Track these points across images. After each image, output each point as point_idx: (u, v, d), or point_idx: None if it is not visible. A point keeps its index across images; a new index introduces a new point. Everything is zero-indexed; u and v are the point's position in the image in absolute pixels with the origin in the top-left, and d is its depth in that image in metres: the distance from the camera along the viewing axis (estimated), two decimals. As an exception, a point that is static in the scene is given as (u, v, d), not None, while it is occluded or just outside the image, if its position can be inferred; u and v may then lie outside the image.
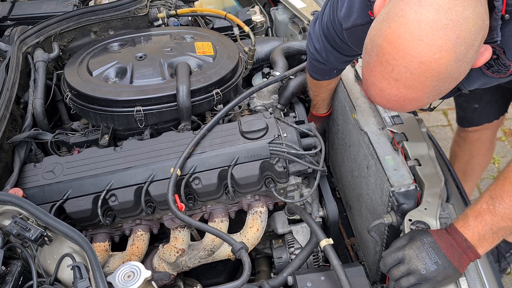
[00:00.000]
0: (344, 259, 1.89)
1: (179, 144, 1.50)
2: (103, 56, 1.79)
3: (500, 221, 1.12)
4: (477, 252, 1.13)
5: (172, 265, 1.48)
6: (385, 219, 1.33)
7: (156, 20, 2.15)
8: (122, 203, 1.42)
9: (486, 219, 1.13)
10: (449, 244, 1.14)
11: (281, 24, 2.30)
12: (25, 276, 1.15)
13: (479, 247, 1.13)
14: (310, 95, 1.85)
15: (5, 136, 1.51)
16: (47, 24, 1.91)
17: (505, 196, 1.12)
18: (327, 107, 1.89)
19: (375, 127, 1.49)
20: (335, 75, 1.67)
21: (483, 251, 1.14)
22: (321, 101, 1.84)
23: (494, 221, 1.12)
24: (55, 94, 1.80)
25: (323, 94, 1.80)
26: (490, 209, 1.13)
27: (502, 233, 1.13)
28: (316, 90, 1.79)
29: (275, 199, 1.57)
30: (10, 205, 1.18)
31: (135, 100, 1.57)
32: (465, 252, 1.13)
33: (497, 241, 1.14)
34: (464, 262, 1.13)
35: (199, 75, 1.67)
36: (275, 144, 1.48)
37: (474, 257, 1.14)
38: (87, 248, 1.12)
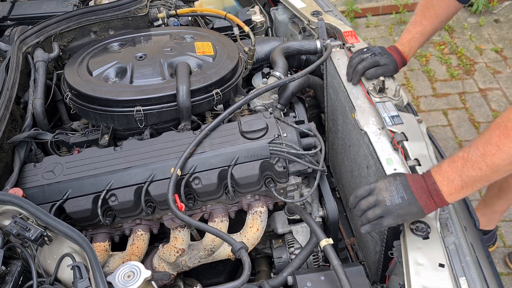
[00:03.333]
0: (344, 259, 1.89)
1: (179, 144, 1.50)
2: (103, 56, 1.79)
3: (470, 169, 1.11)
4: (443, 197, 1.15)
5: (172, 265, 1.48)
6: (385, 219, 1.33)
7: (156, 20, 2.15)
8: (122, 203, 1.42)
9: (458, 165, 1.14)
10: (420, 185, 1.17)
11: (281, 24, 2.30)
12: (25, 276, 1.15)
13: (447, 193, 1.14)
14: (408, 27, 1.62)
15: (5, 136, 1.51)
16: (47, 24, 1.91)
17: (480, 145, 1.11)
18: (419, 46, 1.65)
19: (375, 127, 1.48)
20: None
21: (450, 197, 1.15)
22: (420, 34, 1.61)
23: (464, 168, 1.12)
24: (55, 94, 1.81)
25: (430, 21, 1.58)
26: (464, 157, 1.13)
27: (472, 182, 1.12)
28: (424, 12, 1.59)
29: (275, 199, 1.57)
30: (10, 205, 1.18)
31: (135, 100, 1.57)
32: (432, 195, 1.15)
33: (467, 190, 1.14)
34: (430, 204, 1.16)
35: (199, 75, 1.67)
36: (275, 144, 1.48)
37: (439, 201, 1.15)
38: (87, 248, 1.12)
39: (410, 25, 1.64)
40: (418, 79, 3.87)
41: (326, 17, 1.97)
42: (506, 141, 1.07)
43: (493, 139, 1.09)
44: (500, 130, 1.09)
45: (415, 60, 4.02)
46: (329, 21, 1.94)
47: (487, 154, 1.09)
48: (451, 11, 1.56)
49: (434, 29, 1.62)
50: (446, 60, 3.98)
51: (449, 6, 1.53)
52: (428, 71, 3.90)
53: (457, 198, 1.16)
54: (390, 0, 4.57)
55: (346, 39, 1.83)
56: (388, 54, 1.62)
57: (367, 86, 1.60)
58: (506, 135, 1.07)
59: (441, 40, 4.20)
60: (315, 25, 1.95)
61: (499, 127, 1.09)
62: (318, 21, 1.93)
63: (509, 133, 1.07)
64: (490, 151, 1.09)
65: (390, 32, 4.39)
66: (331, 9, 2.10)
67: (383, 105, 1.52)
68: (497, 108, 3.56)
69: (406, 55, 1.64)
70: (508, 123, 1.08)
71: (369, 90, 1.58)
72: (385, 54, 1.62)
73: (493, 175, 1.11)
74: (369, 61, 1.60)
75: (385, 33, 4.40)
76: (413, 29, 1.62)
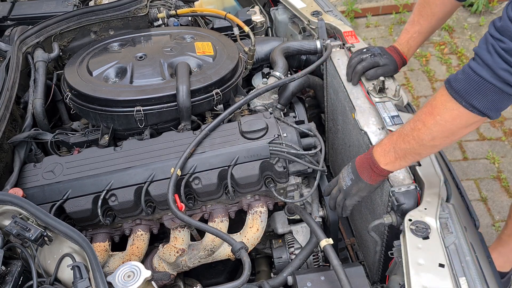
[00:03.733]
0: (344, 259, 1.89)
1: (179, 144, 1.50)
2: (103, 56, 1.79)
3: (401, 142, 1.23)
4: (380, 167, 1.27)
5: (172, 265, 1.48)
6: (385, 219, 1.33)
7: (156, 20, 2.15)
8: (122, 203, 1.42)
9: (393, 138, 1.25)
10: (363, 162, 1.32)
11: (281, 24, 2.30)
12: (25, 276, 1.15)
13: (383, 163, 1.26)
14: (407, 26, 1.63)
15: (5, 136, 1.51)
16: (47, 24, 1.91)
17: (412, 121, 1.22)
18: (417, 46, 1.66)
19: (375, 127, 1.48)
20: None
21: (387, 166, 1.26)
22: (417, 33, 1.62)
23: (398, 141, 1.23)
24: (55, 94, 1.81)
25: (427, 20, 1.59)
26: (399, 131, 1.25)
27: (403, 154, 1.23)
28: (421, 11, 1.59)
29: (275, 199, 1.57)
30: (10, 205, 1.18)
31: (135, 100, 1.57)
32: (371, 167, 1.28)
33: (401, 161, 1.25)
34: (372, 175, 1.30)
35: (199, 75, 1.67)
36: (275, 144, 1.48)
37: (378, 171, 1.28)
38: (87, 248, 1.12)
39: (408, 24, 1.64)
40: (418, 79, 3.87)
41: (326, 17, 1.97)
42: (430, 118, 1.16)
43: (421, 115, 1.19)
44: (427, 108, 1.18)
45: (415, 60, 4.02)
46: (329, 21, 1.94)
47: (415, 129, 1.20)
48: (448, 10, 1.56)
49: (432, 28, 1.62)
50: (446, 60, 3.98)
51: (445, 5, 1.54)
52: (428, 71, 3.90)
53: (394, 167, 1.28)
54: (390, 0, 4.57)
55: (346, 39, 1.83)
56: (388, 55, 1.62)
57: (367, 86, 1.60)
58: (430, 112, 1.16)
59: (441, 40, 4.20)
60: (315, 25, 1.95)
61: (427, 105, 1.19)
62: (318, 21, 1.93)
63: (433, 111, 1.15)
64: (417, 126, 1.19)
65: (390, 32, 4.39)
66: (331, 9, 2.09)
67: (383, 105, 1.52)
68: (497, 108, 3.55)
69: (405, 55, 1.64)
70: (433, 101, 1.17)
71: (369, 90, 1.58)
72: (385, 55, 1.62)
73: (420, 149, 1.21)
74: (368, 62, 1.60)
75: (385, 33, 4.40)
76: (411, 28, 1.63)
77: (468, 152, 3.27)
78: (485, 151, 3.26)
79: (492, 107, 1.09)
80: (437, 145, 1.21)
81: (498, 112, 1.11)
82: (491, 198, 2.99)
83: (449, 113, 1.13)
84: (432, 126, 1.16)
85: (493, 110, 1.09)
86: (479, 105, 1.08)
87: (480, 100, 1.08)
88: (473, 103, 1.09)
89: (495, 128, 3.41)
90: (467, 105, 1.10)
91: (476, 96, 1.08)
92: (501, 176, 3.09)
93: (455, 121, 1.13)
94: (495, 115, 1.11)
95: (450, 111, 1.13)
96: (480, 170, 3.15)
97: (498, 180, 3.08)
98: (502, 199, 2.98)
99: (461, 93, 1.09)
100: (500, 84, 1.04)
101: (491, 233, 2.81)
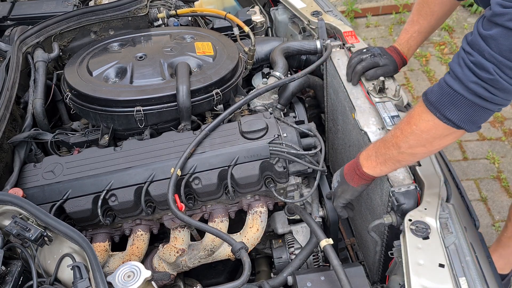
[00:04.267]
0: (344, 259, 1.89)
1: (179, 144, 1.50)
2: (103, 56, 1.79)
3: (383, 148, 1.26)
4: (363, 170, 1.31)
5: (172, 265, 1.48)
6: (385, 219, 1.33)
7: (156, 20, 2.15)
8: (122, 203, 1.42)
9: (377, 144, 1.30)
10: (349, 166, 1.37)
11: (281, 24, 2.30)
12: (25, 276, 1.15)
13: (366, 166, 1.31)
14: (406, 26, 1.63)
15: (5, 136, 1.51)
16: (47, 24, 1.91)
17: (393, 128, 1.26)
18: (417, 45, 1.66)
19: (375, 127, 1.48)
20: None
21: (369, 170, 1.30)
22: (417, 33, 1.62)
23: (380, 146, 1.28)
24: (55, 94, 1.80)
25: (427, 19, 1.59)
26: (383, 137, 1.29)
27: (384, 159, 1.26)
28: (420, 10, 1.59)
29: (275, 199, 1.57)
30: (10, 205, 1.18)
31: (135, 100, 1.57)
32: (355, 170, 1.33)
33: (381, 167, 1.28)
34: (354, 177, 1.34)
35: (199, 75, 1.67)
36: (275, 144, 1.48)
37: (360, 174, 1.32)
38: (87, 248, 1.12)
39: (408, 24, 1.64)
40: (418, 79, 3.87)
41: (326, 17, 1.97)
42: (407, 127, 1.20)
43: (401, 124, 1.24)
44: (406, 118, 1.22)
45: (415, 60, 4.02)
46: (329, 21, 1.94)
47: (394, 136, 1.23)
48: (447, 9, 1.57)
49: (431, 27, 1.62)
50: (446, 60, 3.98)
51: (444, 4, 1.54)
52: (428, 71, 3.91)
53: (375, 172, 1.31)
54: (390, 0, 4.57)
55: (346, 39, 1.83)
56: (388, 55, 1.62)
57: (367, 86, 1.60)
58: (408, 122, 1.20)
59: (441, 40, 4.20)
60: (315, 25, 1.95)
61: (407, 115, 1.23)
62: (318, 21, 1.93)
63: (410, 120, 1.19)
64: (396, 134, 1.23)
65: (390, 32, 4.39)
66: (331, 9, 2.09)
67: (383, 105, 1.52)
68: (497, 108, 3.56)
69: (405, 55, 1.64)
70: (412, 112, 1.20)
71: (369, 90, 1.58)
72: (385, 55, 1.62)
73: (399, 156, 1.24)
74: (368, 62, 1.60)
75: (385, 33, 4.40)
76: (410, 28, 1.63)
77: (468, 152, 3.27)
78: (485, 151, 3.26)
79: (467, 120, 1.11)
80: (416, 153, 1.23)
81: (475, 125, 1.13)
82: (491, 198, 2.99)
83: (425, 124, 1.16)
84: (409, 135, 1.19)
85: (467, 122, 1.11)
86: (453, 117, 1.11)
87: (453, 112, 1.10)
88: (447, 115, 1.11)
89: (495, 128, 3.41)
90: (441, 117, 1.12)
91: (449, 108, 1.11)
92: (501, 176, 3.09)
93: (430, 131, 1.16)
94: (471, 128, 1.13)
95: (426, 122, 1.16)
96: (480, 170, 3.15)
97: (498, 180, 3.08)
98: (502, 199, 2.98)
99: (436, 105, 1.13)
100: (471, 96, 1.06)
101: (491, 233, 2.81)
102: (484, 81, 1.03)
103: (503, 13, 0.96)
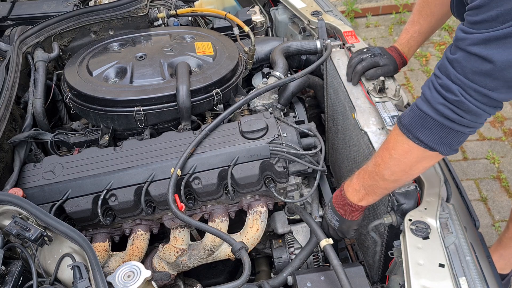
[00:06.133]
0: (344, 259, 1.89)
1: (179, 144, 1.50)
2: (103, 56, 1.79)
3: (368, 178, 1.27)
4: (357, 205, 1.32)
5: (172, 265, 1.48)
6: (385, 219, 1.33)
7: (156, 20, 2.15)
8: (122, 203, 1.42)
9: (361, 176, 1.30)
10: (340, 204, 1.37)
11: (281, 24, 2.30)
12: (25, 276, 1.15)
13: (357, 201, 1.32)
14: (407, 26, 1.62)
15: (5, 136, 1.51)
16: (47, 24, 1.91)
17: (374, 157, 1.26)
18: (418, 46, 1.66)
19: (375, 127, 1.48)
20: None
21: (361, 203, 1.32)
22: (418, 33, 1.62)
23: (364, 178, 1.28)
24: (55, 94, 1.81)
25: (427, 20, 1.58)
26: (365, 168, 1.29)
27: (371, 190, 1.27)
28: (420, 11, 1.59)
29: (275, 199, 1.57)
30: (10, 205, 1.18)
31: (135, 100, 1.57)
32: (349, 208, 1.34)
33: (370, 197, 1.29)
34: (353, 214, 1.36)
35: (199, 75, 1.67)
36: (275, 144, 1.48)
37: (357, 209, 1.34)
38: (87, 248, 1.12)
39: (408, 24, 1.65)
40: (418, 79, 3.87)
41: (326, 17, 1.97)
42: (386, 153, 1.21)
43: (380, 151, 1.24)
44: (384, 144, 1.23)
45: (415, 60, 4.02)
46: (329, 21, 1.94)
47: (376, 165, 1.24)
48: (447, 9, 1.56)
49: (431, 27, 1.62)
50: (446, 60, 3.97)
51: (443, 4, 1.54)
52: (428, 71, 3.90)
53: (369, 202, 1.32)
54: (390, 0, 4.57)
55: (346, 39, 1.83)
56: (388, 55, 1.62)
57: (367, 86, 1.60)
58: (387, 148, 1.21)
59: (441, 40, 4.20)
60: (315, 25, 1.95)
61: (385, 141, 1.24)
62: (318, 21, 1.93)
63: (388, 145, 1.21)
64: (378, 162, 1.24)
65: (390, 32, 4.39)
66: (331, 9, 2.10)
67: (383, 105, 1.52)
68: (497, 108, 3.55)
69: (405, 55, 1.64)
70: (389, 137, 1.23)
71: (369, 90, 1.58)
72: (385, 55, 1.62)
73: (384, 184, 1.25)
74: (368, 62, 1.60)
75: (385, 33, 4.40)
76: (411, 28, 1.64)
77: (468, 152, 3.27)
78: (485, 151, 3.26)
79: (439, 142, 1.12)
80: (398, 179, 1.23)
81: (448, 148, 1.13)
82: (491, 198, 2.99)
83: (401, 147, 1.17)
84: (389, 160, 1.20)
85: (440, 144, 1.12)
86: (425, 138, 1.12)
87: (425, 134, 1.12)
88: (419, 136, 1.13)
89: (495, 128, 3.41)
90: (414, 139, 1.14)
91: (421, 130, 1.12)
92: (501, 176, 3.09)
93: (407, 155, 1.17)
94: (445, 150, 1.14)
95: (402, 145, 1.17)
96: (480, 170, 3.15)
97: (498, 180, 3.08)
98: (502, 199, 2.98)
99: (408, 128, 1.14)
100: (439, 118, 1.08)
101: (491, 233, 2.81)
102: (450, 103, 1.06)
103: (464, 38, 1.01)
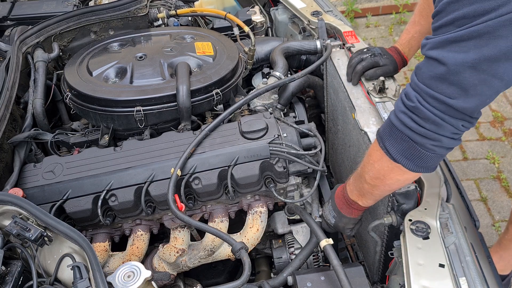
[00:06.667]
0: (344, 259, 1.89)
1: (179, 144, 1.50)
2: (103, 56, 1.79)
3: (358, 182, 1.28)
4: (357, 203, 1.33)
5: (172, 265, 1.48)
6: (385, 220, 1.33)
7: (156, 20, 2.15)
8: (122, 203, 1.42)
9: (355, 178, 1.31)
10: (341, 200, 1.38)
11: (281, 24, 2.30)
12: (25, 276, 1.15)
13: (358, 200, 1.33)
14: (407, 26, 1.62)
15: (5, 136, 1.51)
16: (47, 24, 1.91)
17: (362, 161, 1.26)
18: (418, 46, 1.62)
19: (375, 127, 1.48)
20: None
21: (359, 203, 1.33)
22: (418, 34, 1.61)
23: (357, 181, 1.30)
24: (55, 94, 1.81)
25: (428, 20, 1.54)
26: (357, 170, 1.29)
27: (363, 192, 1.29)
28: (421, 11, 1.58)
29: (275, 199, 1.57)
30: (10, 205, 1.18)
31: (135, 100, 1.57)
32: (349, 204, 1.35)
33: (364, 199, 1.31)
34: (353, 211, 1.37)
35: (199, 75, 1.67)
36: (275, 144, 1.48)
37: (356, 207, 1.35)
38: (87, 248, 1.12)
39: (409, 25, 1.65)
40: (418, 79, 3.86)
41: (326, 17, 1.97)
42: (367, 157, 1.22)
43: (365, 155, 1.25)
44: (369, 149, 1.24)
45: (415, 61, 4.02)
46: (329, 21, 1.94)
47: (362, 167, 1.25)
48: None
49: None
50: (446, 60, 3.97)
51: None
52: (428, 71, 3.90)
53: (365, 203, 1.32)
54: (390, 0, 4.57)
55: (346, 39, 1.83)
56: (388, 55, 1.62)
57: (367, 86, 1.60)
58: (369, 152, 1.22)
59: (441, 40, 4.19)
60: (315, 25, 1.95)
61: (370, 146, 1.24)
62: (318, 21, 1.93)
63: (370, 150, 1.22)
64: (363, 164, 1.25)
65: (390, 32, 4.39)
66: (331, 9, 2.10)
67: (383, 105, 1.52)
68: (497, 108, 3.56)
69: (406, 55, 1.64)
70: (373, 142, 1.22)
71: (369, 90, 1.58)
72: (385, 55, 1.62)
73: (368, 188, 1.25)
74: (368, 62, 1.60)
75: (385, 33, 4.40)
76: (412, 29, 1.64)
77: (468, 152, 3.27)
78: (485, 151, 3.26)
79: (402, 154, 1.10)
80: (376, 185, 1.22)
81: (413, 163, 1.10)
82: (491, 198, 2.99)
83: (375, 154, 1.18)
84: (367, 164, 1.22)
85: (403, 157, 1.10)
86: (390, 149, 1.12)
87: (391, 144, 1.12)
88: (386, 145, 1.13)
89: (495, 128, 3.41)
90: (382, 147, 1.14)
91: (389, 139, 1.12)
92: (501, 176, 3.09)
93: (379, 162, 1.17)
94: (409, 165, 1.11)
95: (375, 152, 1.18)
96: (480, 170, 3.16)
97: (498, 180, 3.08)
98: (502, 199, 2.98)
99: (381, 135, 1.16)
100: (401, 126, 1.08)
101: (491, 233, 2.81)
102: (409, 110, 1.06)
103: (425, 44, 1.03)
